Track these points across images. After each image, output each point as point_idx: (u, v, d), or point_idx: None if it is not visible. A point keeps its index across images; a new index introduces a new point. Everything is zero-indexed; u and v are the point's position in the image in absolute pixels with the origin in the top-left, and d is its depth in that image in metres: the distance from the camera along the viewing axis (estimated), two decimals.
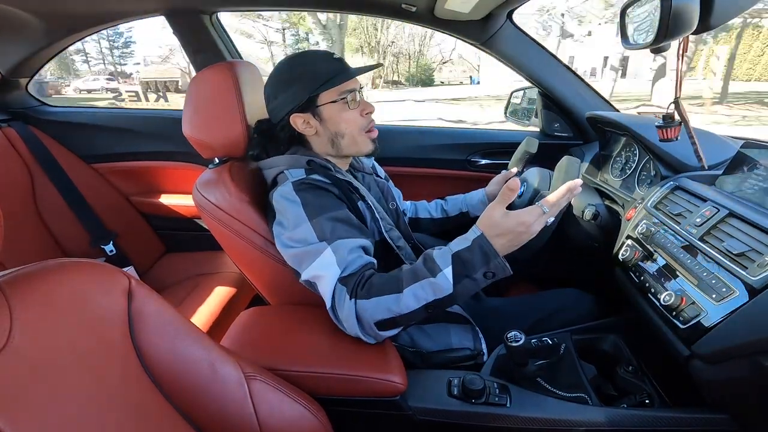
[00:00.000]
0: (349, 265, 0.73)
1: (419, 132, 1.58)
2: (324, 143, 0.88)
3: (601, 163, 1.20)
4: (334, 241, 0.74)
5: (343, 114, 0.85)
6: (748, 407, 0.65)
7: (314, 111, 0.85)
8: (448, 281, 0.66)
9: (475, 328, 0.90)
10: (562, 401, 0.74)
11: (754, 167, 0.74)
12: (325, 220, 0.75)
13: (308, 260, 0.75)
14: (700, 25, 0.65)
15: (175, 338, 0.58)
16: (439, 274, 0.67)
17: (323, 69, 0.83)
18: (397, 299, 0.68)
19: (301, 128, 0.86)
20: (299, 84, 0.83)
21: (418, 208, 1.23)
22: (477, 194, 1.20)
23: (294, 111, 0.84)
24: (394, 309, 0.68)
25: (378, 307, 0.69)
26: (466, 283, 0.67)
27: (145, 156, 1.59)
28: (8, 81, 1.47)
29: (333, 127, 0.86)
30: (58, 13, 1.29)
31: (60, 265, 0.51)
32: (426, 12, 1.23)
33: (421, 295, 0.68)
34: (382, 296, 0.69)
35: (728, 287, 0.62)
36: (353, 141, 0.87)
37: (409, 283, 0.68)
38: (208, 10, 1.37)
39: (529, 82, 1.41)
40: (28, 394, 0.41)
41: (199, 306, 1.27)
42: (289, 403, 0.65)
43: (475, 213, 1.19)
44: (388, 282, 0.70)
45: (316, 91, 0.82)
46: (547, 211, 0.66)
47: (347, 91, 0.84)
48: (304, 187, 0.79)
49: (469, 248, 0.67)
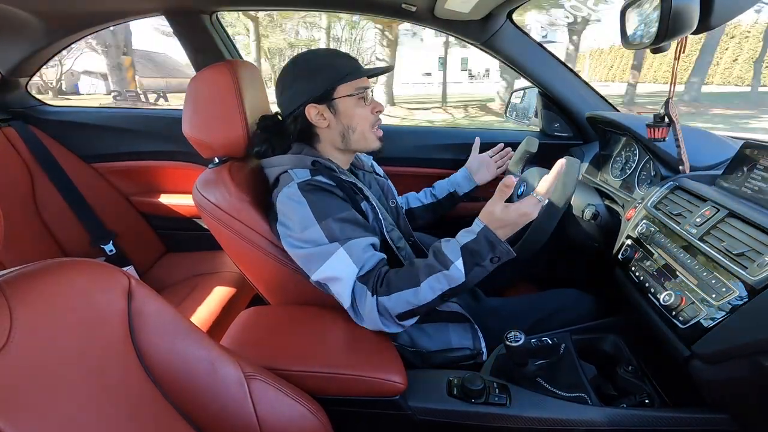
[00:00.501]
0: (366, 263, 0.77)
1: (419, 132, 1.58)
2: (334, 136, 0.90)
3: (601, 163, 1.20)
4: (346, 241, 0.77)
5: (357, 109, 0.88)
6: (748, 407, 0.65)
7: (330, 103, 0.87)
8: (460, 271, 0.73)
9: (474, 326, 0.90)
10: (562, 401, 0.74)
11: (754, 167, 0.74)
12: (333, 222, 0.78)
13: (319, 261, 0.77)
14: (700, 25, 0.65)
15: (175, 338, 0.58)
16: (451, 266, 0.73)
17: (343, 64, 0.87)
18: (416, 292, 0.74)
19: (314, 119, 0.87)
20: (320, 75, 0.85)
21: (409, 199, 1.26)
22: (460, 172, 1.26)
23: (310, 101, 0.86)
24: (413, 301, 0.74)
25: (399, 301, 0.75)
26: (477, 271, 0.74)
27: (145, 156, 1.59)
28: (8, 81, 1.46)
29: (346, 120, 0.88)
30: (58, 13, 1.29)
31: (60, 265, 0.51)
32: (426, 12, 1.23)
33: (437, 287, 0.74)
34: (401, 291, 0.74)
35: (728, 287, 0.62)
36: (362, 136, 0.90)
37: (425, 276, 0.74)
38: (208, 10, 1.37)
39: (530, 82, 1.41)
40: (28, 394, 0.41)
41: (198, 306, 1.27)
42: (289, 403, 0.65)
43: (462, 191, 1.24)
44: (405, 277, 0.76)
45: (337, 83, 0.85)
46: (541, 199, 0.74)
47: (362, 88, 0.88)
48: (309, 188, 0.80)
49: (476, 240, 0.74)
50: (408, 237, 1.02)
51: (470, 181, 1.24)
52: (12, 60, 1.41)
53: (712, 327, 0.62)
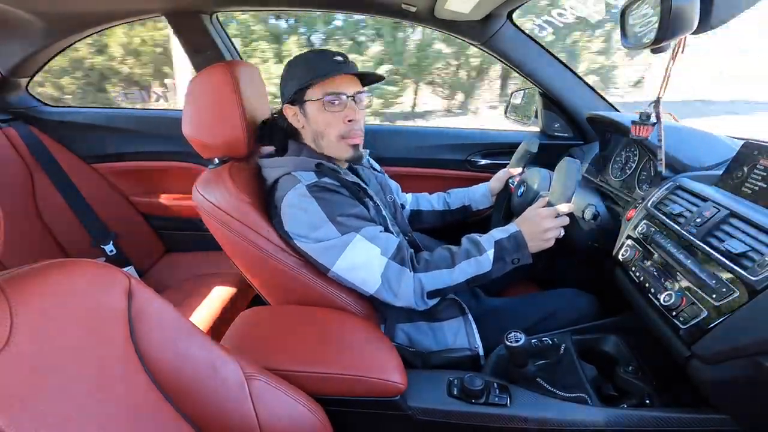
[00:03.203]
0: (387, 245, 0.82)
1: (419, 132, 1.58)
2: (309, 139, 0.91)
3: (601, 164, 1.20)
4: (360, 229, 0.80)
5: (322, 115, 0.86)
6: (749, 407, 0.65)
7: (301, 106, 0.87)
8: (489, 260, 0.82)
9: (469, 321, 0.91)
10: (562, 401, 0.74)
11: (754, 167, 0.74)
12: (344, 218, 0.80)
13: (338, 251, 0.79)
14: (700, 25, 0.65)
15: (175, 338, 0.58)
16: (484, 254, 0.82)
17: (320, 66, 0.84)
18: (451, 272, 0.82)
19: (291, 120, 0.89)
20: (295, 76, 0.86)
21: (420, 200, 1.24)
22: (480, 188, 1.23)
23: (286, 102, 0.88)
24: (446, 281, 0.82)
25: (435, 279, 0.82)
26: (500, 265, 0.83)
27: (146, 156, 1.59)
28: (8, 81, 1.46)
29: (314, 125, 0.88)
30: (58, 13, 1.29)
31: (60, 265, 0.51)
32: (426, 12, 1.23)
33: (468, 270, 0.82)
34: (438, 270, 0.82)
35: (728, 287, 0.62)
36: (331, 144, 0.89)
37: (461, 260, 0.82)
38: (208, 10, 1.37)
39: (530, 82, 1.41)
40: (28, 394, 0.41)
41: (199, 306, 1.27)
42: (289, 403, 0.65)
43: (477, 207, 1.22)
44: (441, 258, 0.84)
45: (301, 86, 0.85)
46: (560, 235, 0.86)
47: (333, 93, 0.84)
48: (317, 189, 0.81)
49: (508, 238, 0.84)
50: (405, 233, 1.02)
51: (488, 200, 1.23)
52: (12, 60, 1.41)
53: (712, 327, 0.62)
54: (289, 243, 0.85)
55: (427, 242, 1.16)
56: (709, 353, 0.63)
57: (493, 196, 1.23)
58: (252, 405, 0.61)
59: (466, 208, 1.22)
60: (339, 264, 0.80)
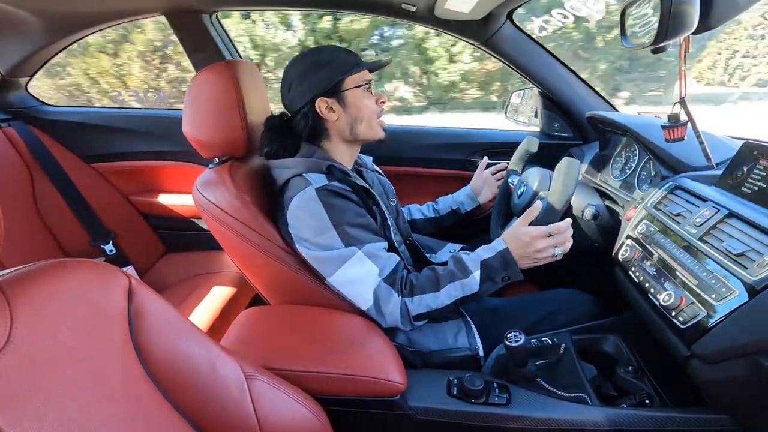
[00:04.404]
0: (385, 265, 0.82)
1: (419, 132, 1.58)
2: (342, 128, 0.91)
3: (601, 164, 1.20)
4: (363, 245, 0.80)
5: (365, 100, 0.91)
6: (748, 407, 0.65)
7: (339, 95, 0.89)
8: (477, 282, 0.80)
9: (468, 321, 0.91)
10: (562, 401, 0.74)
11: (754, 167, 0.74)
12: (349, 227, 0.81)
13: (337, 264, 0.80)
14: (700, 25, 0.65)
15: (175, 338, 0.58)
16: (470, 276, 0.80)
17: (346, 58, 0.89)
18: (435, 297, 0.81)
19: (324, 112, 0.89)
20: (328, 68, 0.87)
21: (411, 211, 1.27)
22: (463, 191, 1.28)
23: (320, 95, 0.87)
24: (432, 305, 0.81)
25: (420, 303, 0.81)
26: (488, 285, 0.81)
27: (145, 156, 1.59)
28: (8, 81, 1.46)
29: (354, 111, 0.90)
30: (58, 13, 1.29)
31: (60, 265, 0.51)
32: (426, 12, 1.23)
33: (453, 293, 0.81)
34: (423, 294, 0.81)
35: (728, 287, 0.62)
36: (369, 126, 0.92)
37: (446, 283, 0.81)
38: (208, 9, 1.37)
39: (530, 82, 1.41)
40: (28, 394, 0.41)
41: (198, 306, 1.27)
42: (289, 403, 0.65)
43: (464, 209, 1.26)
44: (426, 282, 0.82)
45: (347, 74, 0.88)
46: (558, 254, 0.81)
47: (368, 80, 0.91)
48: (327, 193, 0.82)
49: (494, 257, 0.81)
50: (406, 237, 1.03)
51: (473, 200, 1.26)
52: (12, 60, 1.41)
53: (711, 327, 0.62)
54: (290, 244, 0.85)
55: (428, 242, 1.16)
56: (709, 353, 0.63)
57: (477, 194, 1.26)
58: (252, 404, 0.61)
59: (455, 212, 1.26)
60: (335, 277, 0.81)
